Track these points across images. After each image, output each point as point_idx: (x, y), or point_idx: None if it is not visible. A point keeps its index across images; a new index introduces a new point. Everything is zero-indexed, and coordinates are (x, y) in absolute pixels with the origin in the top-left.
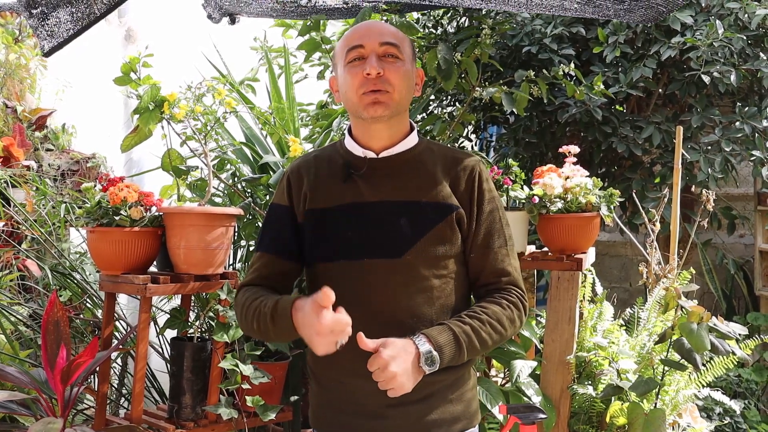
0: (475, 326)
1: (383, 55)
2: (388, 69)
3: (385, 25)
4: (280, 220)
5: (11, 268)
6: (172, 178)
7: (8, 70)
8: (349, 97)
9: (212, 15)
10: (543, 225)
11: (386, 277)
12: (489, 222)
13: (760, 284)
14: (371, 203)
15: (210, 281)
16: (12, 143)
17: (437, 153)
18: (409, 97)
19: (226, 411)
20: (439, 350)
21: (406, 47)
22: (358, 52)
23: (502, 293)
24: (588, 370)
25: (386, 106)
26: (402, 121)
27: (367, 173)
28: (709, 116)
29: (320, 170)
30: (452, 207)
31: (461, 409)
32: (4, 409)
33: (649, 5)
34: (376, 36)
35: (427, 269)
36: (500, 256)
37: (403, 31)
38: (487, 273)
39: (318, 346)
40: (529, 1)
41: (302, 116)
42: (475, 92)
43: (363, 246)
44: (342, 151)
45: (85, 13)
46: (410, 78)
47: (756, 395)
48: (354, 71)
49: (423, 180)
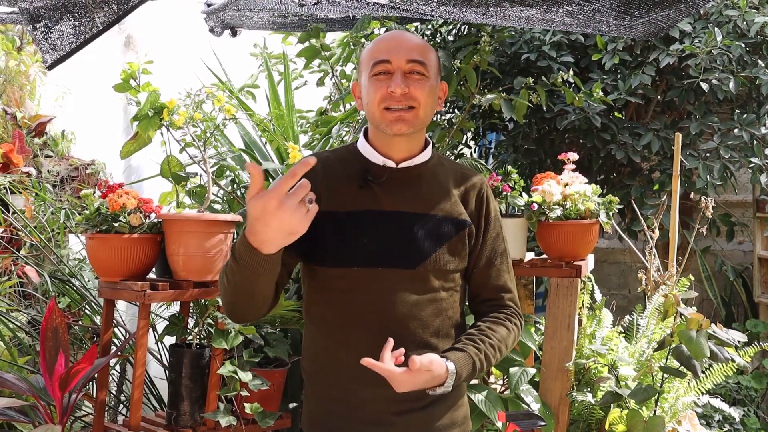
0: (489, 354)
1: (409, 72)
2: (413, 86)
3: (412, 39)
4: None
5: (10, 274)
6: (171, 184)
7: (8, 77)
8: (371, 110)
9: (214, 29)
10: (542, 232)
11: (398, 287)
12: (494, 240)
13: (759, 291)
14: (388, 212)
15: (209, 288)
16: (11, 150)
17: (447, 167)
18: (432, 113)
19: (225, 418)
20: (458, 382)
21: (432, 61)
22: (384, 67)
23: (505, 313)
24: (587, 377)
25: (410, 124)
26: (421, 136)
27: (386, 182)
28: (707, 123)
29: (334, 170)
30: (466, 223)
31: (459, 415)
32: (2, 416)
33: (649, 21)
34: (403, 52)
35: (438, 281)
36: (503, 273)
37: None
38: (490, 289)
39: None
40: (529, 16)
41: (301, 123)
42: (474, 99)
43: (378, 254)
44: (357, 155)
45: (87, 27)
46: (434, 94)
47: (755, 402)
48: (378, 85)
49: (438, 193)
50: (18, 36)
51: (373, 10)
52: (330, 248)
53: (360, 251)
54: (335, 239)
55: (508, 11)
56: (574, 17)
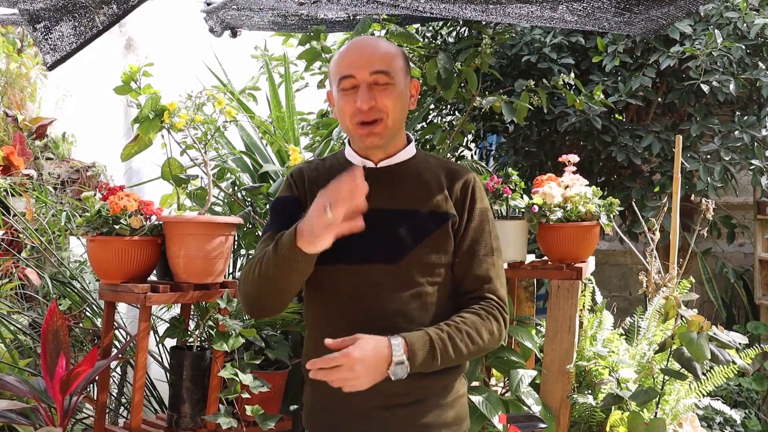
0: (453, 335)
1: (374, 83)
2: (380, 97)
3: (375, 48)
4: (289, 208)
5: (11, 276)
6: (172, 187)
7: (9, 79)
8: (345, 125)
9: (214, 29)
10: (542, 234)
11: (382, 282)
12: (477, 230)
13: (760, 293)
14: (370, 210)
15: (210, 290)
16: (12, 152)
17: (434, 164)
18: (403, 117)
19: (226, 420)
20: (412, 357)
21: (398, 66)
22: (350, 82)
23: (481, 304)
24: (588, 379)
25: (380, 136)
26: (398, 137)
27: (367, 181)
28: (708, 125)
29: (322, 176)
30: (448, 215)
31: (449, 415)
32: (4, 418)
33: (648, 18)
34: (365, 65)
35: (422, 276)
36: (484, 264)
37: (402, 41)
38: (470, 279)
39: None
40: (529, 13)
41: (302, 125)
42: (475, 101)
43: (360, 251)
44: (342, 159)
45: (87, 27)
46: (404, 98)
47: (756, 404)
48: (346, 99)
49: (420, 189)
50: (19, 38)
51: (373, 9)
52: None
53: (343, 249)
54: None
55: (508, 8)
56: (574, 14)
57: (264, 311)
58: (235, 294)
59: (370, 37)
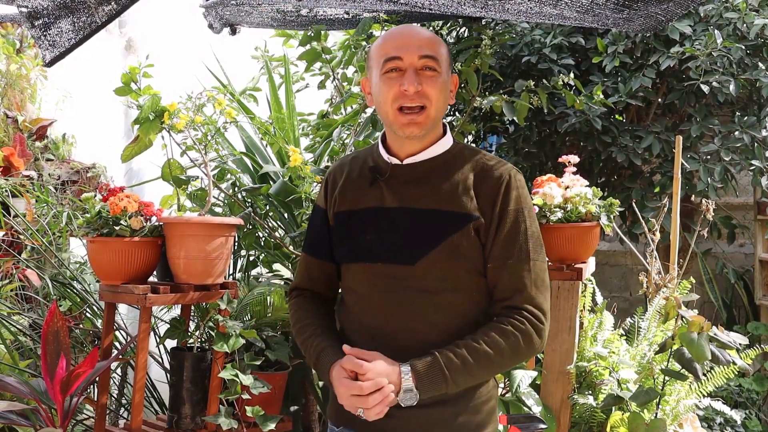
0: (469, 360)
1: (421, 68)
2: (426, 83)
3: (423, 34)
4: (318, 222)
5: (11, 277)
6: (172, 187)
7: (9, 81)
8: (384, 109)
9: (213, 24)
10: (543, 235)
11: (399, 283)
12: (509, 234)
13: (761, 293)
14: (391, 209)
15: (210, 291)
16: (12, 153)
17: (468, 158)
18: (445, 109)
19: (226, 421)
20: (420, 386)
21: (444, 55)
22: (396, 64)
23: (511, 318)
24: (588, 380)
25: (422, 126)
26: (435, 131)
27: (391, 179)
28: (708, 126)
29: (352, 173)
30: (471, 217)
31: (476, 420)
32: (4, 419)
33: (648, 14)
34: (415, 48)
35: (440, 278)
36: (519, 271)
37: None
38: (502, 287)
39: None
40: (528, 9)
41: (303, 126)
42: (476, 102)
43: (379, 250)
44: (375, 154)
45: (86, 23)
46: (446, 89)
47: (757, 405)
48: (390, 83)
49: (444, 188)
50: (18, 39)
51: (372, 5)
52: (338, 245)
53: (363, 247)
54: (343, 237)
55: (507, 4)
56: (573, 10)
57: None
58: (235, 295)
59: (415, 25)
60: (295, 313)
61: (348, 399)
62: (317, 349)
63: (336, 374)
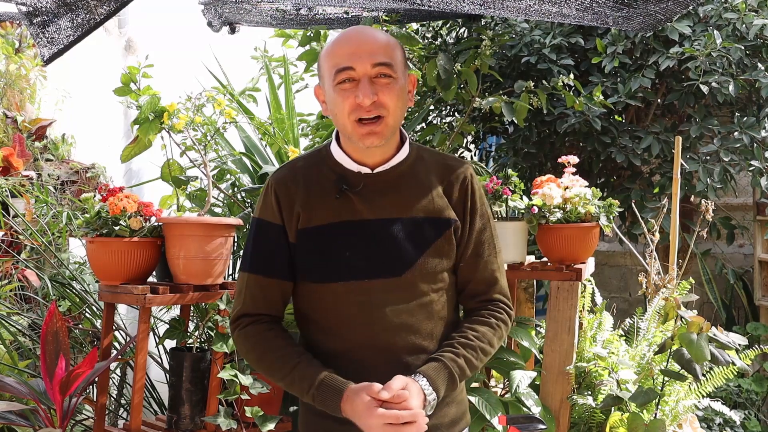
0: (469, 357)
1: (376, 75)
2: (381, 92)
3: (375, 38)
4: (273, 240)
5: (11, 277)
6: (171, 188)
7: (8, 81)
8: (341, 122)
9: (212, 23)
10: (542, 235)
11: (387, 296)
12: (481, 232)
13: (760, 294)
14: (368, 221)
15: (209, 291)
16: (12, 153)
17: (428, 161)
18: (403, 115)
19: (225, 421)
20: (437, 393)
21: (398, 58)
22: (348, 74)
23: (491, 310)
24: (588, 380)
25: (381, 136)
26: (395, 138)
27: (363, 190)
28: (707, 126)
29: (310, 185)
30: (450, 221)
31: (456, 411)
32: (3, 419)
33: (647, 13)
34: (367, 56)
35: (426, 285)
36: (490, 265)
37: (402, 42)
38: (477, 281)
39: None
40: (527, 7)
41: (302, 126)
42: (475, 102)
43: (363, 266)
44: (331, 162)
45: (85, 20)
46: (404, 94)
47: (756, 405)
48: (345, 95)
49: (418, 194)
50: (17, 39)
51: (371, 3)
52: (314, 264)
53: (343, 266)
54: (317, 255)
55: (506, 2)
56: (573, 7)
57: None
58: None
59: (367, 27)
60: (257, 344)
61: (381, 429)
62: (319, 378)
63: (365, 404)
